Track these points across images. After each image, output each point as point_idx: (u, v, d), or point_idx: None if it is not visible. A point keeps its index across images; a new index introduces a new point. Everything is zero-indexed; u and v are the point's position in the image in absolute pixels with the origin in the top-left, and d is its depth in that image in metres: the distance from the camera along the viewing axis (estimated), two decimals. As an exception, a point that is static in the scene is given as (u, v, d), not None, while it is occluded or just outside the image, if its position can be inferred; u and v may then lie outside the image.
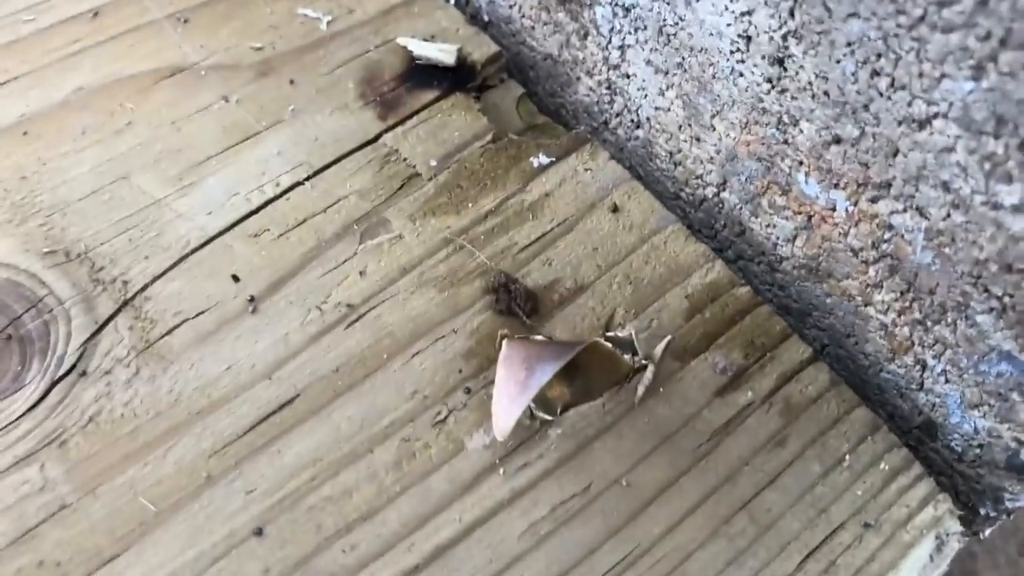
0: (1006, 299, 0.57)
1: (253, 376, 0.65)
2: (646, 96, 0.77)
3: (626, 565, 0.61)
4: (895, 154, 0.59)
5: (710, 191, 0.77)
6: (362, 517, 0.61)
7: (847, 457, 0.66)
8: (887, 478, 0.66)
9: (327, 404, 0.64)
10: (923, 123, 0.56)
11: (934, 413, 0.71)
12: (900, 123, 0.57)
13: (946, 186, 0.57)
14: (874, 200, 0.64)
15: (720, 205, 0.77)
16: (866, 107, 0.59)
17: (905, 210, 0.62)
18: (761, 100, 0.66)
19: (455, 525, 0.61)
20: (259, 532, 0.60)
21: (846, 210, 0.66)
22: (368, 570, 0.59)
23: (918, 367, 0.69)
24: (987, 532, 0.74)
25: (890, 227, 0.64)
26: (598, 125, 0.85)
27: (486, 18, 0.92)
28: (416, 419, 0.64)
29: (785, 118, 0.65)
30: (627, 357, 0.67)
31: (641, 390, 0.66)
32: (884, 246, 0.65)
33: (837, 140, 0.63)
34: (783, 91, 0.64)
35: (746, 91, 0.67)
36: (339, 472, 0.62)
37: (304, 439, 0.63)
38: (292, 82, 0.79)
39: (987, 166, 0.54)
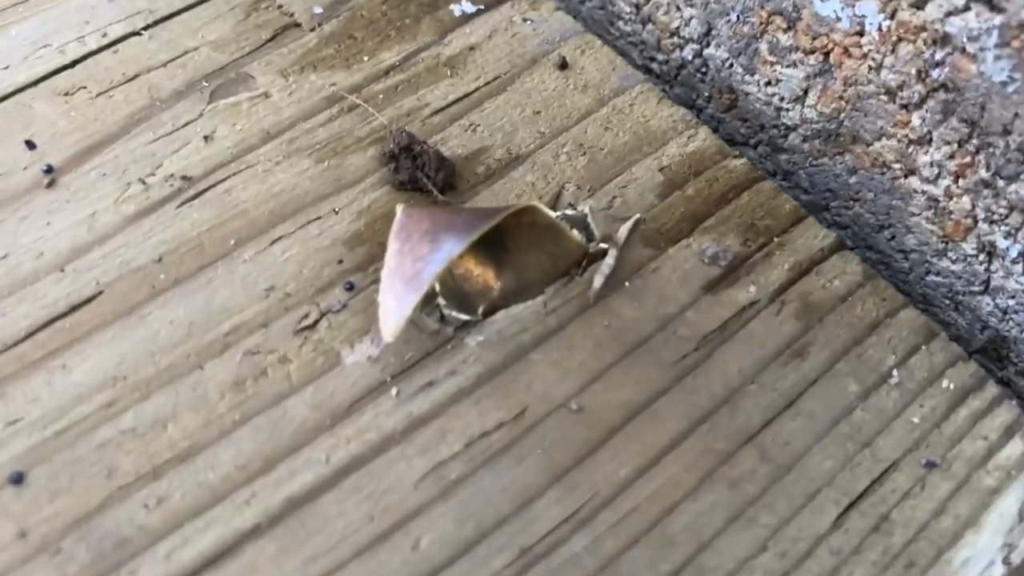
0: None
1: (39, 267, 0.45)
2: (603, -69, 0.58)
3: (578, 523, 0.40)
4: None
5: (690, 51, 0.58)
6: (179, 458, 0.40)
7: (895, 372, 0.46)
8: (953, 401, 0.46)
9: (142, 304, 0.44)
10: None
11: (1005, 324, 0.51)
12: None
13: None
14: (920, 3, 0.44)
15: (704, 69, 0.58)
16: None
17: (967, 5, 0.43)
18: None
19: (319, 468, 0.41)
20: (18, 479, 0.39)
21: (879, 28, 0.47)
22: (181, 533, 0.39)
23: (983, 256, 0.50)
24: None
25: (944, 39, 0.44)
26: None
27: None
28: (271, 324, 0.44)
29: (791, -98, 0.46)
30: (581, 237, 0.47)
31: (599, 281, 0.46)
32: (935, 73, 0.46)
33: (866, -79, 0.44)
34: None
35: None
36: (150, 395, 0.42)
37: (103, 350, 0.43)
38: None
39: None
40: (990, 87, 0.44)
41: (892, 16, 0.46)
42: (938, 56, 0.45)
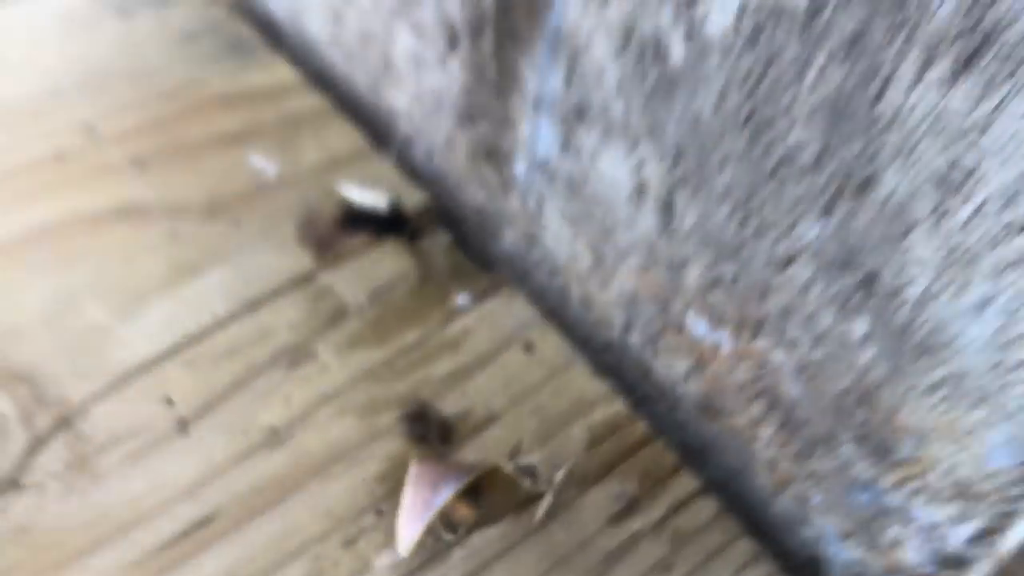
0: (863, 429, 0.64)
1: (176, 493, 0.69)
2: (560, 245, 0.84)
3: None
4: (766, 294, 0.67)
5: (615, 334, 0.84)
6: (269, 630, 0.64)
7: (732, 583, 0.71)
8: (773, 605, 0.70)
9: (245, 522, 0.69)
10: (785, 263, 0.63)
11: (818, 547, 0.76)
12: (767, 264, 0.65)
13: (809, 321, 0.64)
14: (753, 337, 0.70)
15: (625, 348, 0.84)
16: (738, 250, 0.66)
17: (778, 345, 0.68)
18: (654, 246, 0.74)
19: (357, 638, 0.65)
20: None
21: (730, 348, 0.73)
22: None
23: (800, 501, 0.75)
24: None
25: (768, 363, 0.70)
26: (522, 273, 0.92)
27: (423, 171, 1.00)
28: (327, 538, 0.69)
29: (675, 261, 0.73)
30: (529, 482, 0.72)
31: (540, 514, 0.71)
32: (764, 381, 0.71)
33: (718, 282, 0.70)
34: (671, 236, 0.72)
35: (641, 238, 0.75)
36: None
37: (221, 555, 0.67)
38: (237, 223, 0.86)
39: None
40: (794, 398, 0.70)
41: (738, 341, 0.72)
42: (765, 372, 0.71)
